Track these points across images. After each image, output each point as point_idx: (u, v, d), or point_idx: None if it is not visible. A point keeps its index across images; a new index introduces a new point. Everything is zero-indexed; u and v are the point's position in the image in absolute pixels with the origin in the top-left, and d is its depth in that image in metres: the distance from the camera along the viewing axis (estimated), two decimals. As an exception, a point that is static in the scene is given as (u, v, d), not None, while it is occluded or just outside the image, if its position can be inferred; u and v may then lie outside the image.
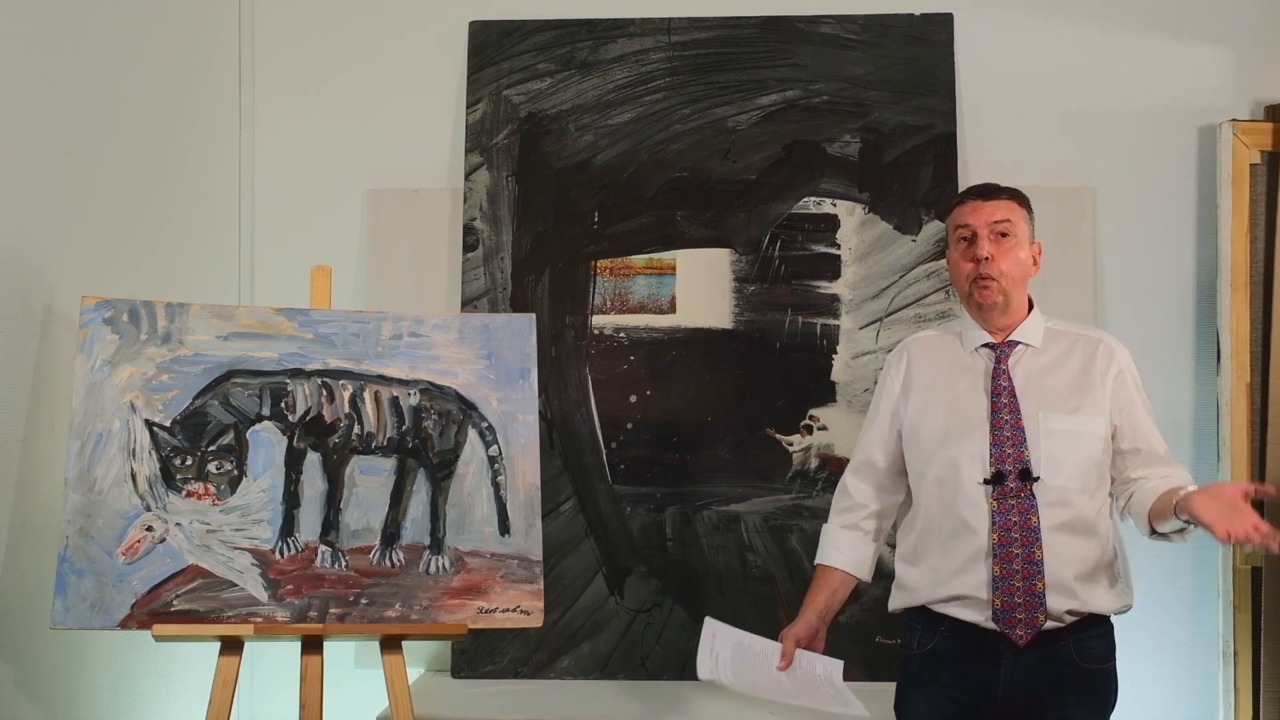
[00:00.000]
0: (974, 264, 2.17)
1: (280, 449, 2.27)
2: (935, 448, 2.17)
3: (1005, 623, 2.08)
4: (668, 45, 3.10)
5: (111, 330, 2.25)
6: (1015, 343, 2.20)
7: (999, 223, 2.17)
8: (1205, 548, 2.97)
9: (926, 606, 2.16)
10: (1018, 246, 2.18)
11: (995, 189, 2.23)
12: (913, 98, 3.04)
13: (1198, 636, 2.99)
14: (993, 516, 2.10)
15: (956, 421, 2.17)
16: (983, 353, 2.21)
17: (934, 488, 2.17)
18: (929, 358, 2.26)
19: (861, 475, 2.29)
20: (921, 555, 2.18)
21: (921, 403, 2.22)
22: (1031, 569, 2.07)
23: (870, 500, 2.28)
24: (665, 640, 2.95)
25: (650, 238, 3.07)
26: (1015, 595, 2.07)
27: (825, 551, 2.29)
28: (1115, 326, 3.03)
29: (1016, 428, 2.13)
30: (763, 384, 3.01)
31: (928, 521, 2.18)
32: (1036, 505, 2.09)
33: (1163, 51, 3.08)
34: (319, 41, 3.20)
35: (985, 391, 2.17)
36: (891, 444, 2.26)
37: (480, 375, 2.37)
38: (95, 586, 2.13)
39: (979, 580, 2.10)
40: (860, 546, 2.27)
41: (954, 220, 2.22)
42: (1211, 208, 3.02)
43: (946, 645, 2.15)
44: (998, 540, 2.09)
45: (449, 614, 2.24)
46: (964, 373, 2.21)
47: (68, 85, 2.49)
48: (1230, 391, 2.93)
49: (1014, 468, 2.10)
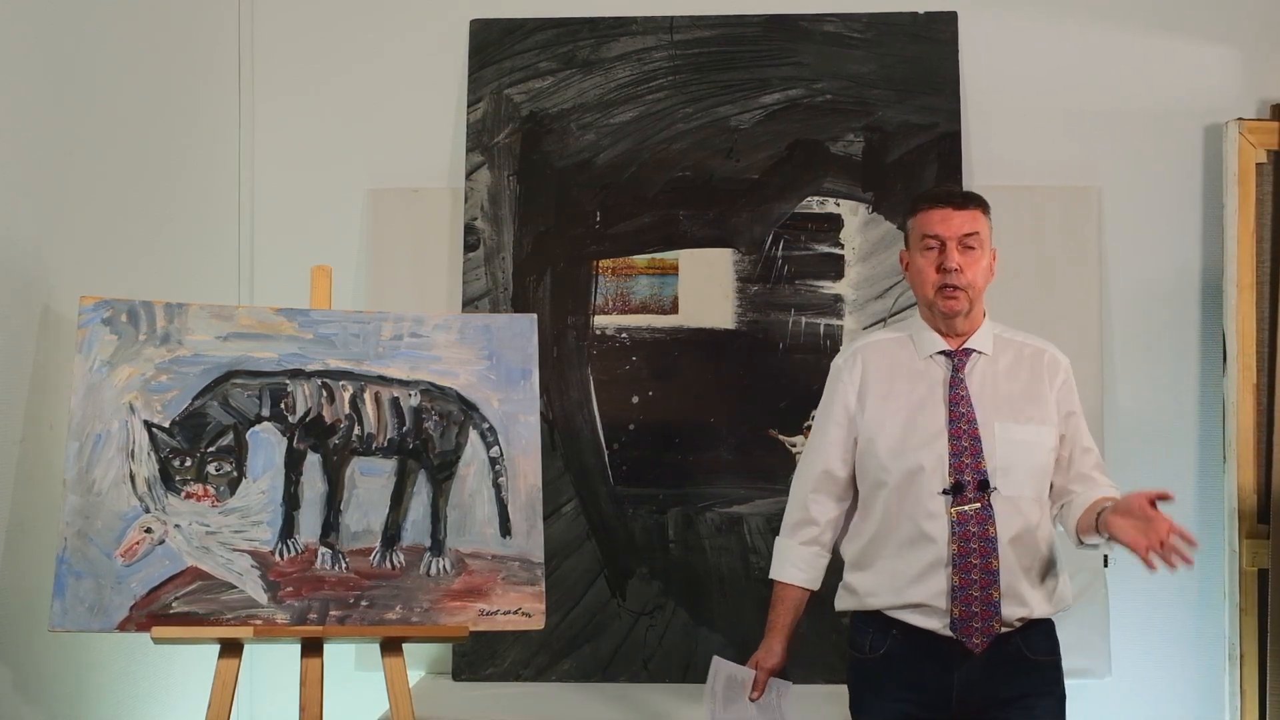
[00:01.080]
0: (942, 274, 2.18)
1: (280, 450, 2.26)
2: (893, 456, 2.18)
3: (963, 631, 2.10)
4: (670, 44, 3.09)
5: (110, 330, 2.24)
6: (970, 350, 2.22)
7: (968, 235, 2.18)
8: (1211, 550, 2.96)
9: (879, 611, 2.17)
10: (981, 257, 2.21)
11: (964, 198, 2.24)
12: (916, 97, 3.03)
13: (1203, 639, 2.99)
14: (952, 527, 2.12)
15: (914, 430, 2.18)
16: (939, 360, 2.22)
17: (891, 496, 2.17)
18: (884, 364, 2.26)
19: (820, 488, 2.27)
20: (873, 561, 2.19)
21: (878, 411, 2.22)
22: (988, 578, 2.10)
23: (828, 513, 2.27)
24: (667, 643, 2.94)
25: (652, 237, 3.06)
26: (973, 605, 2.10)
27: (783, 569, 2.28)
28: (1120, 327, 3.04)
29: (974, 437, 2.15)
30: (765, 385, 3.00)
31: (882, 528, 2.18)
32: (994, 515, 2.12)
33: (1168, 50, 3.07)
34: (319, 40, 3.20)
35: (943, 400, 2.18)
36: (849, 452, 2.26)
37: (481, 376, 2.36)
38: (94, 588, 2.12)
39: (938, 589, 2.12)
40: (817, 561, 2.28)
41: (921, 227, 2.22)
42: (1217, 207, 3.01)
43: (899, 650, 2.16)
44: (957, 550, 2.11)
45: (450, 616, 2.23)
46: (919, 380, 2.22)
47: (67, 84, 2.48)
48: (1236, 392, 2.92)
49: (972, 478, 2.12)
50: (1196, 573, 2.97)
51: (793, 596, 2.27)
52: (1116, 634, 2.95)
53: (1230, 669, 2.91)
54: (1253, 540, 2.90)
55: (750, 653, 2.17)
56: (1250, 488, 2.91)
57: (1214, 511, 2.98)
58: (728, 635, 2.92)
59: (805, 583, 2.27)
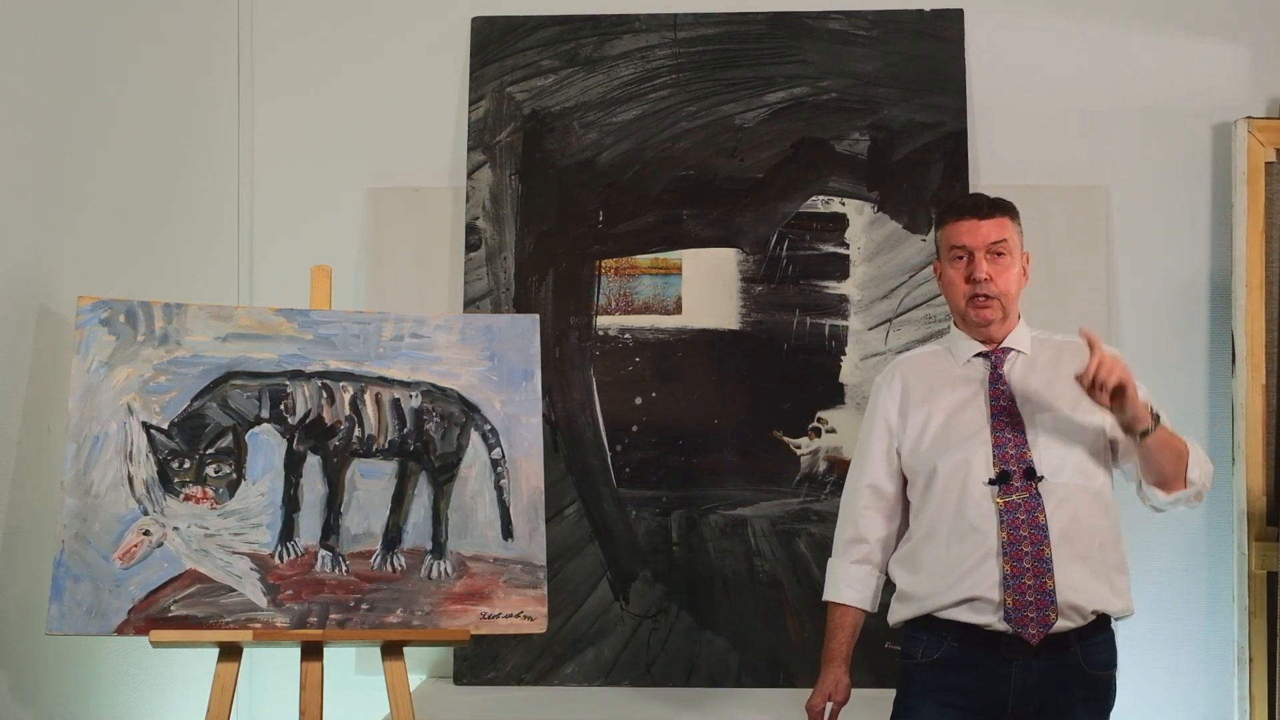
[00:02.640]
0: (972, 284, 2.18)
1: (280, 452, 2.25)
2: (937, 454, 2.17)
3: (1018, 622, 2.07)
4: (673, 41, 3.08)
5: (108, 331, 2.23)
6: (1008, 349, 2.22)
7: (996, 243, 2.18)
8: (1219, 553, 2.95)
9: (932, 615, 2.15)
10: (1012, 264, 2.20)
11: (990, 206, 2.22)
12: (922, 95, 3.02)
13: (1212, 642, 2.97)
14: (1000, 516, 2.10)
15: (958, 427, 2.18)
16: (977, 361, 2.23)
17: (938, 493, 2.16)
18: (923, 375, 2.26)
19: (869, 504, 2.26)
20: (923, 562, 2.17)
21: (921, 416, 2.22)
22: (1041, 566, 2.08)
23: (879, 530, 2.26)
24: (671, 646, 2.93)
25: (656, 237, 3.05)
26: (1027, 594, 2.07)
27: (837, 589, 2.27)
28: (1128, 327, 3.03)
29: (1018, 429, 2.15)
30: (770, 386, 2.99)
31: (931, 527, 2.17)
32: (1043, 503, 2.10)
33: (1176, 48, 3.06)
34: (319, 38, 3.19)
35: (985, 397, 2.19)
36: (894, 466, 2.25)
37: (483, 377, 2.35)
38: (91, 592, 2.12)
39: (990, 580, 2.09)
40: (870, 581, 2.26)
41: (948, 239, 2.22)
42: (1226, 206, 3.00)
43: (954, 654, 2.14)
44: (1007, 539, 2.09)
45: (451, 620, 2.22)
46: (960, 382, 2.22)
47: (64, 81, 2.47)
48: (1245, 393, 2.90)
49: (1018, 467, 2.12)
50: (1205, 576, 2.99)
51: (851, 621, 2.25)
52: (1123, 636, 2.93)
53: (1239, 673, 2.89)
54: (1262, 543, 2.88)
55: (754, 656, 2.14)
56: (1259, 490, 2.89)
57: (1223, 514, 2.96)
58: (732, 639, 2.91)
59: (859, 603, 2.25)
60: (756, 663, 2.89)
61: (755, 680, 2.88)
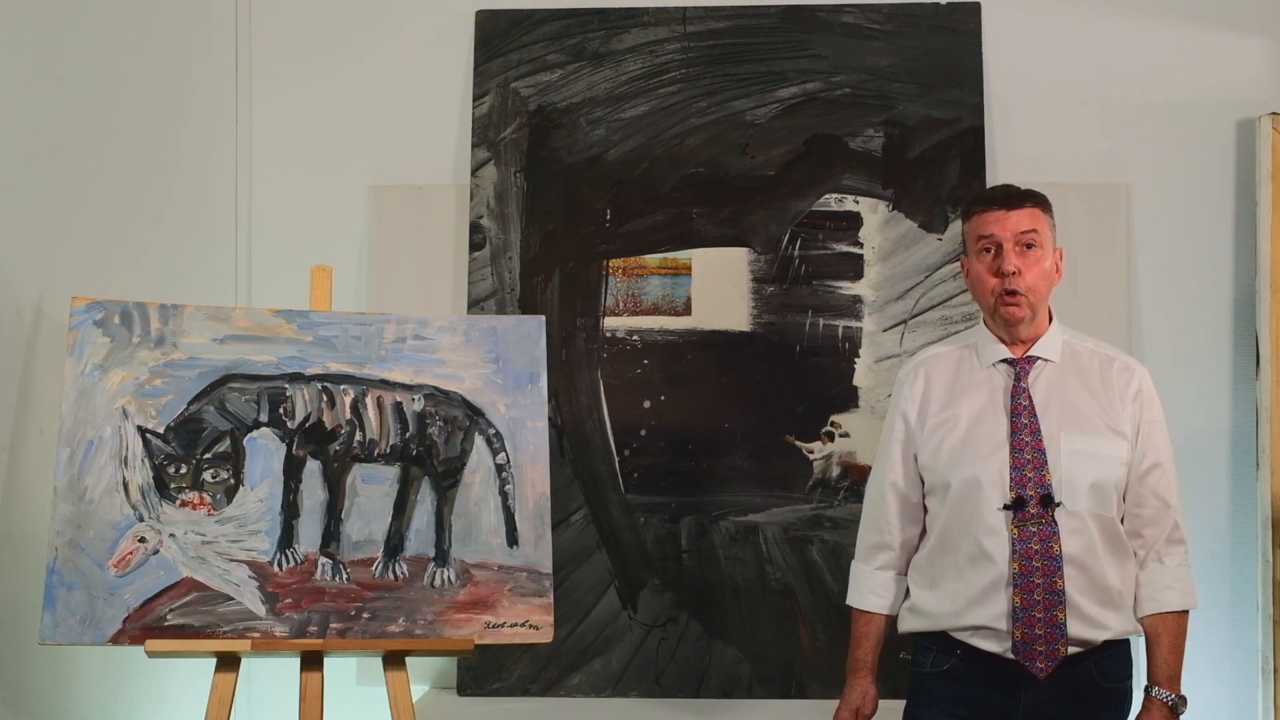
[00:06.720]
0: (1000, 278, 2.12)
1: (278, 457, 2.24)
2: (952, 468, 2.13)
3: (1025, 655, 2.05)
4: (683, 35, 3.06)
5: (103, 333, 2.22)
6: (1034, 358, 2.16)
7: (1025, 233, 2.12)
8: (1244, 561, 2.92)
9: (944, 631, 2.14)
10: (1043, 257, 2.14)
11: (1020, 196, 2.16)
12: (938, 90, 2.99)
13: (1236, 652, 2.94)
14: (1013, 544, 2.06)
15: (976, 441, 2.13)
16: (1001, 368, 2.17)
17: (951, 510, 2.13)
18: (946, 376, 2.22)
19: (890, 507, 2.23)
20: (936, 580, 2.15)
21: (939, 424, 2.18)
22: (1053, 599, 2.04)
23: (902, 534, 2.23)
24: (680, 656, 2.90)
25: (665, 236, 3.02)
26: (1036, 627, 2.05)
27: (862, 595, 2.25)
28: (1149, 329, 3.01)
29: (1037, 449, 2.09)
30: (782, 389, 2.96)
31: (944, 544, 2.15)
32: (1058, 532, 2.06)
33: (1199, 42, 3.03)
34: (319, 32, 3.18)
35: (1004, 410, 2.13)
36: (912, 469, 2.22)
37: (487, 380, 2.33)
38: (85, 600, 2.10)
39: (998, 611, 2.07)
40: (893, 586, 2.24)
41: (976, 229, 2.16)
42: (1250, 204, 2.97)
43: (964, 667, 2.12)
44: (1018, 570, 2.06)
45: (454, 629, 2.20)
46: (981, 389, 2.17)
47: (57, 77, 2.45)
48: (1269, 397, 2.86)
49: (1035, 492, 2.07)
50: (1228, 584, 2.97)
51: (876, 629, 2.23)
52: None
53: (1264, 683, 2.86)
54: (1287, 550, 2.84)
55: (766, 666, 2.11)
56: (1285, 496, 2.85)
57: (1247, 521, 2.94)
58: (743, 649, 2.89)
59: (885, 609, 2.23)
60: (768, 673, 2.87)
61: (767, 691, 2.86)
